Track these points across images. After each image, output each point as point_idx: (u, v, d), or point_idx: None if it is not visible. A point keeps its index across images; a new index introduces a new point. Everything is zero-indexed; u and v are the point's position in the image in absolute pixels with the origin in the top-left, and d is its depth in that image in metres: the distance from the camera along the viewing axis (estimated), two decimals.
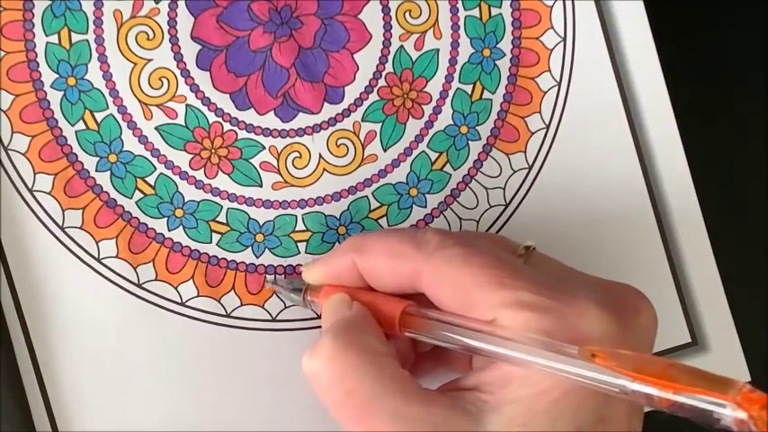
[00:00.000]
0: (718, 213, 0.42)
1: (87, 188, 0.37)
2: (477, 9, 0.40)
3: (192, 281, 0.37)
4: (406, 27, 0.39)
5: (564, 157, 0.40)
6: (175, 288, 0.37)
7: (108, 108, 0.37)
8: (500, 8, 0.40)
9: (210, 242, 0.37)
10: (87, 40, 0.37)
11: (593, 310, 0.30)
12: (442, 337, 0.31)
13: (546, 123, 0.40)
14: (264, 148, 0.38)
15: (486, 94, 0.40)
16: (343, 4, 0.39)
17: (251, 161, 0.38)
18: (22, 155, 0.36)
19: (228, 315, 0.37)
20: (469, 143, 0.40)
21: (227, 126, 0.38)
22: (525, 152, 0.40)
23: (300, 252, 0.38)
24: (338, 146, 0.39)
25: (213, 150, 0.38)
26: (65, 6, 0.37)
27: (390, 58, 0.39)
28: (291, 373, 0.36)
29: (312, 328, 0.37)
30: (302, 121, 0.38)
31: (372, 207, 0.39)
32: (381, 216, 0.39)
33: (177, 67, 0.37)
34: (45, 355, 0.35)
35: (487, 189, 0.40)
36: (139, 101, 0.37)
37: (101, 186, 0.37)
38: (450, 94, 0.40)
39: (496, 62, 0.40)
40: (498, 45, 0.40)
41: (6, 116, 0.36)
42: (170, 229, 0.37)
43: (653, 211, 0.41)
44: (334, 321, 0.32)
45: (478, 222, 0.40)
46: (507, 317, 0.30)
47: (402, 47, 0.39)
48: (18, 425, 0.35)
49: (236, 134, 0.38)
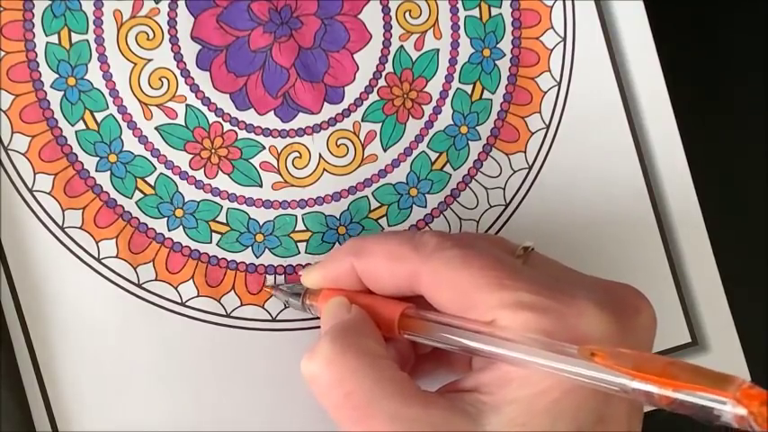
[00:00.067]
0: (718, 213, 0.41)
1: (87, 188, 0.37)
2: (477, 9, 0.40)
3: (192, 281, 0.37)
4: (406, 27, 0.39)
5: (564, 157, 0.40)
6: (175, 288, 0.37)
7: (108, 108, 0.37)
8: (500, 8, 0.40)
9: (210, 242, 0.37)
10: (87, 40, 0.37)
11: (592, 311, 0.30)
12: (441, 338, 0.31)
13: (546, 123, 0.40)
14: (264, 148, 0.38)
15: (486, 94, 0.40)
16: (343, 4, 0.39)
17: (251, 161, 0.38)
18: (22, 155, 0.36)
19: (228, 315, 0.37)
20: (469, 143, 0.40)
21: (227, 126, 0.38)
22: (525, 152, 0.40)
23: (300, 252, 0.38)
24: (338, 146, 0.39)
25: (213, 150, 0.38)
26: (65, 6, 0.37)
27: (390, 58, 0.39)
28: (291, 373, 0.36)
29: (312, 329, 0.37)
30: (302, 121, 0.38)
31: (372, 207, 0.39)
32: (381, 216, 0.39)
33: (177, 67, 0.37)
34: (45, 355, 0.35)
35: (487, 189, 0.40)
36: (139, 101, 0.37)
37: (101, 186, 0.37)
38: (450, 94, 0.40)
39: (496, 62, 0.40)
40: (498, 45, 0.40)
41: (6, 116, 0.36)
42: (170, 229, 0.37)
43: (653, 212, 0.41)
44: (333, 324, 0.32)
45: (478, 222, 0.40)
46: (506, 317, 0.30)
47: (402, 47, 0.39)
48: (18, 425, 0.35)
49: (236, 134, 0.38)
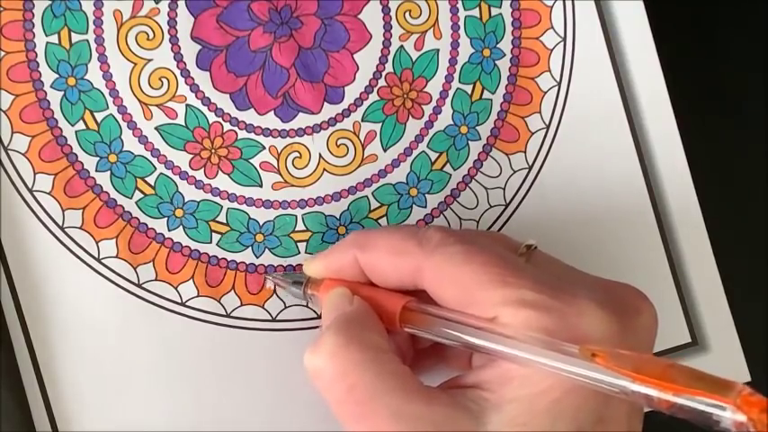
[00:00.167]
0: (718, 213, 0.41)
1: (87, 188, 0.37)
2: (477, 9, 0.40)
3: (192, 281, 0.37)
4: (406, 27, 0.39)
5: (564, 157, 0.40)
6: (175, 288, 0.37)
7: (108, 108, 0.37)
8: (500, 8, 0.40)
9: (210, 242, 0.37)
10: (87, 40, 0.37)
11: (593, 310, 0.30)
12: (442, 333, 0.31)
13: (546, 123, 0.40)
14: (264, 148, 0.38)
15: (486, 94, 0.40)
16: (343, 4, 0.39)
17: (251, 161, 0.38)
18: (22, 155, 0.36)
19: (228, 315, 0.37)
20: (469, 143, 0.40)
21: (227, 126, 0.38)
22: (525, 152, 0.40)
23: (300, 252, 0.38)
24: (338, 146, 0.39)
25: (213, 150, 0.38)
26: (65, 6, 0.37)
27: (390, 58, 0.39)
28: (291, 373, 0.36)
29: (312, 328, 0.37)
30: (302, 121, 0.38)
31: (372, 207, 0.39)
32: (381, 216, 0.39)
33: (177, 67, 0.37)
34: (45, 355, 0.35)
35: (487, 189, 0.40)
36: (139, 101, 0.37)
37: (101, 186, 0.37)
38: (450, 94, 0.40)
39: (496, 62, 0.40)
40: (498, 45, 0.40)
41: (6, 116, 0.36)
42: (170, 229, 0.37)
43: (653, 211, 0.41)
44: (336, 316, 0.32)
45: (478, 222, 0.40)
46: (508, 315, 0.30)
47: (402, 47, 0.39)
48: (18, 425, 0.34)
49: (236, 134, 0.38)
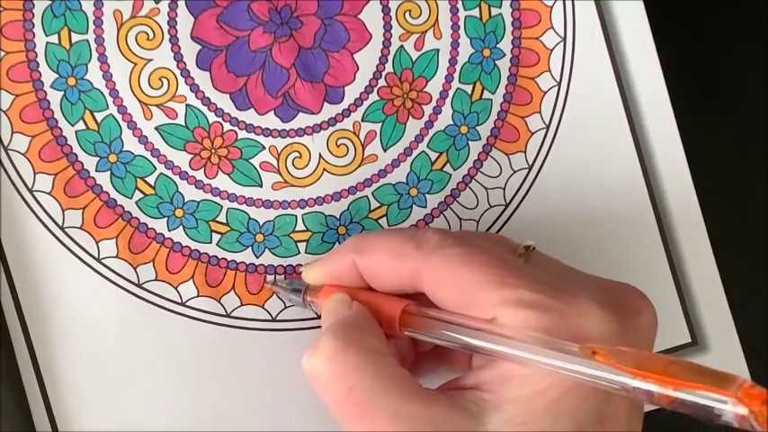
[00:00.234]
0: (718, 213, 0.41)
1: (87, 188, 0.37)
2: (477, 9, 0.40)
3: (192, 281, 0.37)
4: (406, 27, 0.39)
5: (564, 157, 0.40)
6: (175, 288, 0.37)
7: (108, 108, 0.37)
8: (500, 8, 0.40)
9: (210, 242, 0.37)
10: (87, 40, 0.37)
11: (593, 310, 0.30)
12: (442, 335, 0.31)
13: (546, 123, 0.40)
14: (264, 148, 0.38)
15: (486, 94, 0.40)
16: (343, 4, 0.39)
17: (251, 161, 0.38)
18: (22, 155, 0.36)
19: (228, 315, 0.37)
20: (469, 143, 0.40)
21: (227, 126, 0.38)
22: (525, 152, 0.40)
23: (300, 252, 0.38)
24: (338, 146, 0.39)
25: (213, 150, 0.38)
26: (65, 6, 0.37)
27: (390, 58, 0.39)
28: (291, 373, 0.36)
29: (312, 328, 0.37)
30: (302, 121, 0.38)
31: (372, 207, 0.39)
32: (381, 216, 0.39)
33: (177, 67, 0.37)
34: (45, 355, 0.35)
35: (487, 189, 0.40)
36: (139, 101, 0.37)
37: (101, 186, 0.37)
38: (450, 94, 0.40)
39: (496, 62, 0.40)
40: (498, 45, 0.40)
41: (6, 116, 0.36)
42: (170, 229, 0.37)
43: (653, 211, 0.41)
44: (334, 321, 0.32)
45: (478, 222, 0.40)
46: (507, 315, 0.30)
47: (402, 47, 0.39)
48: (18, 425, 0.35)
49: (236, 134, 0.38)
